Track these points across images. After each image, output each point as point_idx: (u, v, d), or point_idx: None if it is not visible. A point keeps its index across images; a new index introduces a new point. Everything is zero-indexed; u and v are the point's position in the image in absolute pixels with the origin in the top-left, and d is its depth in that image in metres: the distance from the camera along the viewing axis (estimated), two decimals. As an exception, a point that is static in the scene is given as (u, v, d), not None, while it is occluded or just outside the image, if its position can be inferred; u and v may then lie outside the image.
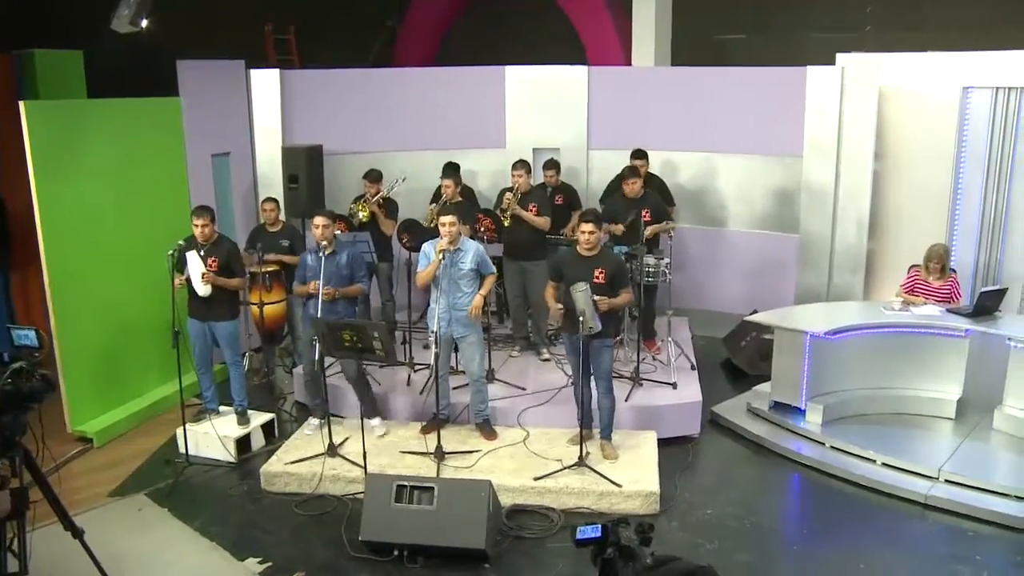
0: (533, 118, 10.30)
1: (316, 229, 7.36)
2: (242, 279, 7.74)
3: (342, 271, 7.44)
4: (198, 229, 7.45)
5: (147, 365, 8.67)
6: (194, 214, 7.49)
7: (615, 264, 7.18)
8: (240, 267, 7.71)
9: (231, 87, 9.50)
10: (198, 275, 7.38)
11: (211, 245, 7.53)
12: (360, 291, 7.57)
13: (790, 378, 7.93)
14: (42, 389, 5.64)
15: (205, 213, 7.48)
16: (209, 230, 7.48)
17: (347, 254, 7.51)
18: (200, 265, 7.40)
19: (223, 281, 7.50)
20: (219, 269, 7.49)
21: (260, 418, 7.96)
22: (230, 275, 7.57)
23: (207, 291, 7.42)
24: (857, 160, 9.16)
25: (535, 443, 7.52)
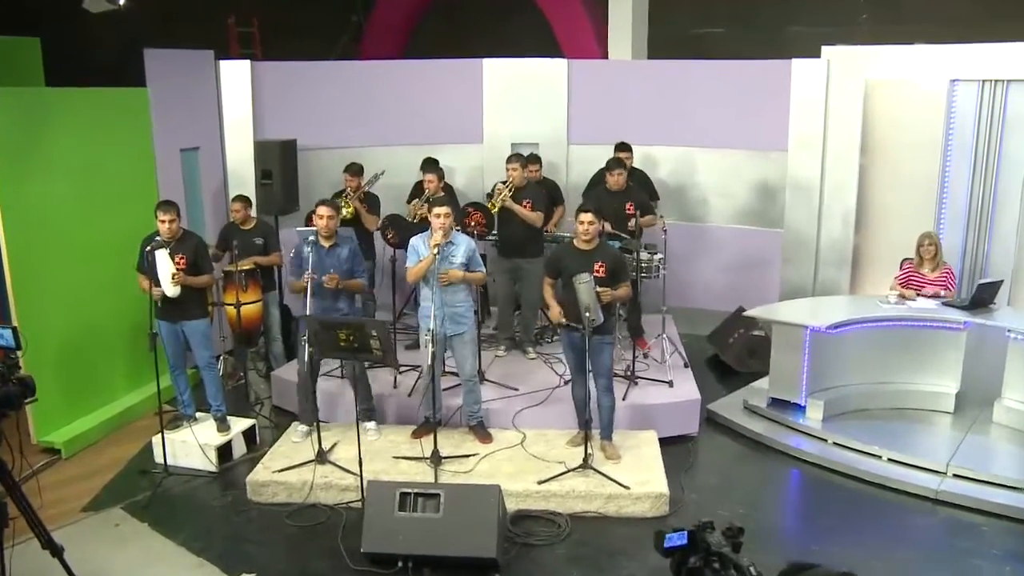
0: (511, 112, 9.91)
1: (320, 220, 6.90)
2: (211, 275, 7.23)
3: (343, 265, 6.98)
4: (164, 225, 6.91)
5: (115, 370, 8.09)
6: (159, 209, 6.95)
7: (614, 257, 6.84)
8: (208, 263, 7.21)
9: (200, 78, 8.94)
10: (168, 275, 6.83)
11: (177, 242, 6.99)
12: (362, 286, 7.11)
13: (789, 374, 7.65)
14: (19, 394, 5.10)
15: (171, 208, 6.95)
16: (176, 226, 6.96)
17: (348, 247, 7.04)
18: (170, 265, 6.85)
19: (194, 280, 6.99)
20: (187, 267, 6.96)
21: (240, 424, 7.43)
22: (197, 272, 7.05)
23: (176, 292, 6.88)
24: (843, 154, 8.94)
25: (533, 445, 7.12)
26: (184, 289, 6.90)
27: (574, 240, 6.89)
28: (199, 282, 7.05)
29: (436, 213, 6.73)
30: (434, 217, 6.74)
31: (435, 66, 9.89)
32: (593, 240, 6.77)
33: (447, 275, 6.74)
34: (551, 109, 9.85)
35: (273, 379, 8.31)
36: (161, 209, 6.93)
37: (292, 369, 8.31)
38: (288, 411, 8.06)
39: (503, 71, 9.88)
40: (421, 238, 6.92)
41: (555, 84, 9.81)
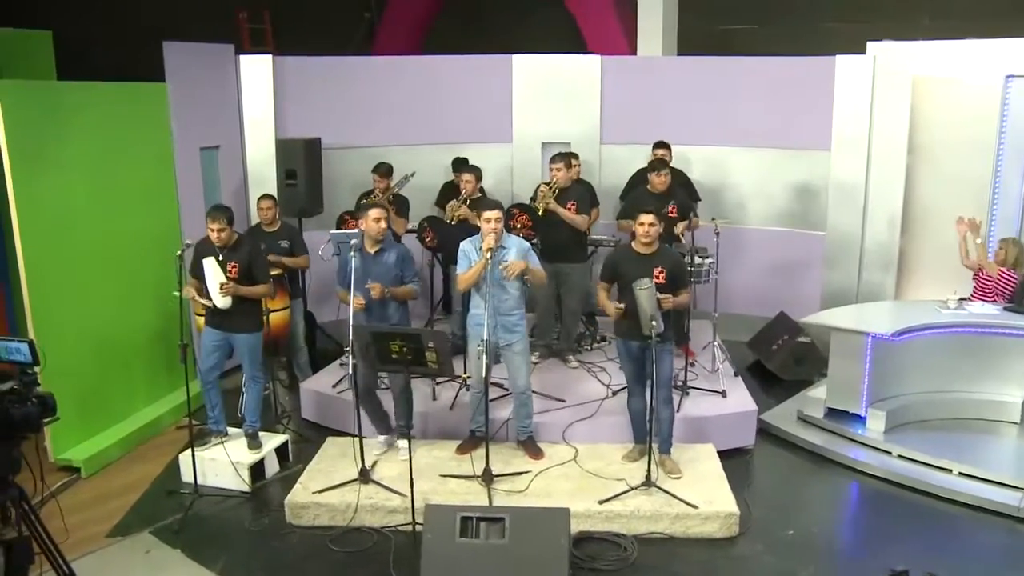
0: (542, 111, 9.37)
1: (371, 223, 6.29)
2: (267, 285, 6.63)
3: (392, 271, 6.41)
4: (214, 234, 6.36)
5: (133, 383, 7.52)
6: (209, 216, 6.40)
7: (675, 262, 6.36)
8: (264, 271, 6.62)
9: (220, 74, 8.36)
10: (216, 285, 6.26)
11: (229, 249, 6.43)
12: (413, 293, 6.55)
13: (848, 383, 7.18)
14: (38, 415, 4.53)
15: (222, 215, 6.38)
16: (227, 234, 6.39)
17: (396, 252, 6.48)
18: (219, 273, 6.29)
19: (247, 291, 6.42)
20: (240, 275, 6.40)
21: (273, 440, 6.87)
22: (251, 281, 6.47)
23: (228, 303, 6.31)
24: (889, 153, 8.48)
25: (587, 460, 6.61)
26: (237, 299, 6.35)
27: (632, 243, 6.40)
28: (252, 292, 6.48)
29: (487, 217, 6.20)
30: (484, 222, 6.22)
31: (462, 62, 9.35)
32: (653, 244, 6.28)
33: (510, 265, 6.21)
34: (583, 107, 9.32)
35: (302, 391, 7.74)
36: (211, 216, 6.39)
37: (320, 380, 7.78)
38: (318, 424, 7.51)
39: (533, 68, 9.35)
40: (471, 243, 6.39)
41: (587, 81, 9.29)
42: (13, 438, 4.45)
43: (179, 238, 7.84)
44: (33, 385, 4.50)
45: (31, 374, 4.54)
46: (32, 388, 4.49)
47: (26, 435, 4.52)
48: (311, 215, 8.47)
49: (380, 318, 6.33)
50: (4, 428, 4.41)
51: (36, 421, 4.45)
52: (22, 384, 4.48)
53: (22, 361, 4.57)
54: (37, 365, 4.56)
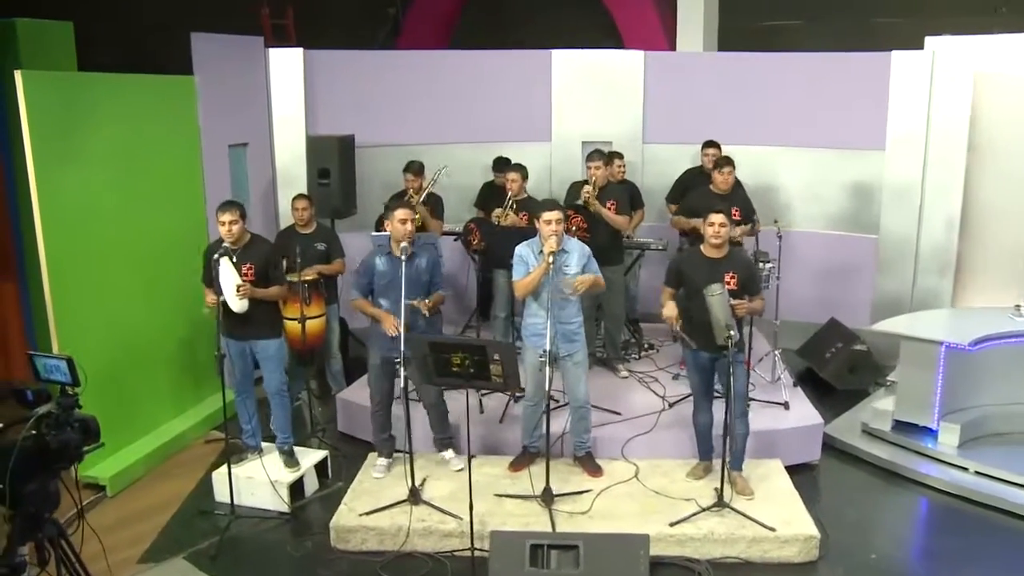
0: (582, 108, 8.85)
1: (397, 225, 5.76)
2: (284, 287, 6.09)
3: (422, 277, 5.90)
4: (225, 228, 5.79)
5: (159, 392, 6.98)
6: (220, 210, 5.84)
7: (746, 266, 5.87)
8: (279, 273, 6.09)
9: (249, 67, 7.83)
10: (232, 288, 5.71)
11: (243, 249, 5.89)
12: (442, 299, 6.04)
13: (919, 394, 6.68)
14: (78, 442, 4.01)
15: (233, 208, 5.84)
16: (239, 228, 5.83)
17: (427, 257, 5.96)
18: (234, 275, 5.74)
19: (264, 293, 5.88)
20: (256, 277, 5.86)
21: (311, 457, 6.33)
22: (267, 284, 5.93)
23: (243, 306, 5.77)
24: (948, 153, 7.96)
25: (649, 478, 6.10)
26: (253, 303, 5.81)
27: (700, 246, 5.89)
28: (269, 294, 5.94)
29: (547, 219, 5.69)
30: (544, 223, 5.71)
31: (500, 58, 8.83)
32: (724, 246, 5.77)
33: (579, 283, 5.70)
34: (625, 105, 8.80)
35: (339, 402, 7.20)
36: (222, 209, 5.83)
37: (357, 391, 7.24)
38: (356, 438, 6.98)
39: (574, 63, 8.82)
40: (528, 246, 5.87)
41: (630, 78, 8.77)
42: (50, 469, 3.93)
43: (206, 240, 7.33)
44: (73, 408, 3.97)
45: (71, 395, 4.01)
46: (72, 412, 3.95)
47: (64, 466, 4.00)
48: (344, 216, 7.94)
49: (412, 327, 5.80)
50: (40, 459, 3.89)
51: (76, 449, 3.92)
52: (60, 407, 3.95)
53: (60, 380, 4.04)
54: (77, 386, 4.03)
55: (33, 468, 3.86)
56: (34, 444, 3.89)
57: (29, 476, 3.84)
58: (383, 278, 5.87)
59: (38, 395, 4.02)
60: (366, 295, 5.99)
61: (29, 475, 3.84)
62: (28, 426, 3.90)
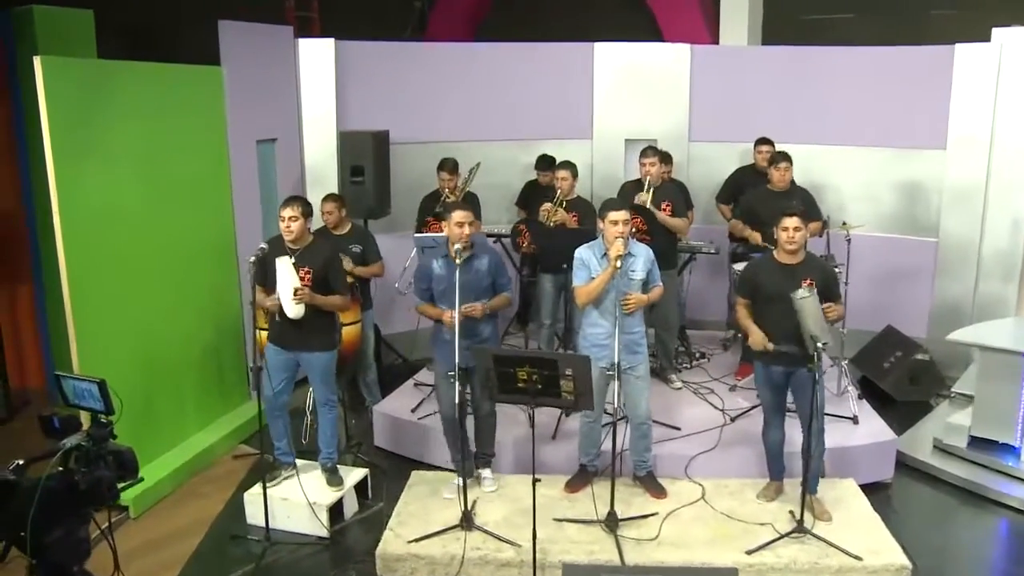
0: (625, 104, 8.32)
1: (454, 228, 5.24)
2: (345, 296, 5.55)
3: (483, 280, 5.37)
4: (284, 224, 5.29)
5: (184, 405, 6.45)
6: (283, 205, 5.33)
7: (824, 271, 5.35)
8: (342, 280, 5.54)
9: (278, 58, 7.30)
10: (290, 290, 5.19)
11: (304, 249, 5.37)
12: (508, 301, 5.54)
13: (1000, 409, 6.15)
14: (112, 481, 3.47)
15: (296, 203, 5.32)
16: (299, 226, 5.31)
17: (488, 258, 5.44)
18: (293, 277, 5.21)
19: (323, 300, 5.34)
20: (314, 282, 5.33)
21: (351, 475, 5.79)
22: (327, 290, 5.41)
23: (299, 312, 5.24)
24: (1015, 152, 7.43)
25: (717, 500, 5.58)
26: (310, 310, 5.28)
27: (773, 252, 5.37)
28: (329, 303, 5.40)
29: (613, 219, 5.17)
30: (610, 224, 5.19)
31: (540, 51, 8.30)
32: (799, 252, 5.26)
33: (633, 300, 5.18)
34: (670, 101, 8.27)
35: (376, 415, 6.67)
36: (285, 204, 5.33)
37: (395, 402, 6.73)
38: (395, 454, 6.46)
39: (617, 57, 8.29)
40: (590, 249, 5.35)
41: (675, 73, 8.24)
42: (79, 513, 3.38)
43: (233, 241, 6.83)
44: (106, 439, 3.42)
45: (104, 424, 3.47)
46: (105, 444, 3.40)
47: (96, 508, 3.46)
48: (379, 216, 7.41)
49: (469, 333, 5.27)
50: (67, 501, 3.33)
51: (110, 489, 3.37)
52: (91, 439, 3.40)
53: (92, 407, 3.50)
54: (111, 414, 3.49)
55: (59, 512, 3.31)
56: (60, 483, 3.34)
57: (54, 521, 3.28)
58: (441, 283, 5.34)
59: (66, 423, 3.48)
60: (428, 300, 5.48)
61: (54, 520, 3.28)
62: (53, 462, 3.35)
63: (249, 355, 6.97)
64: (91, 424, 3.53)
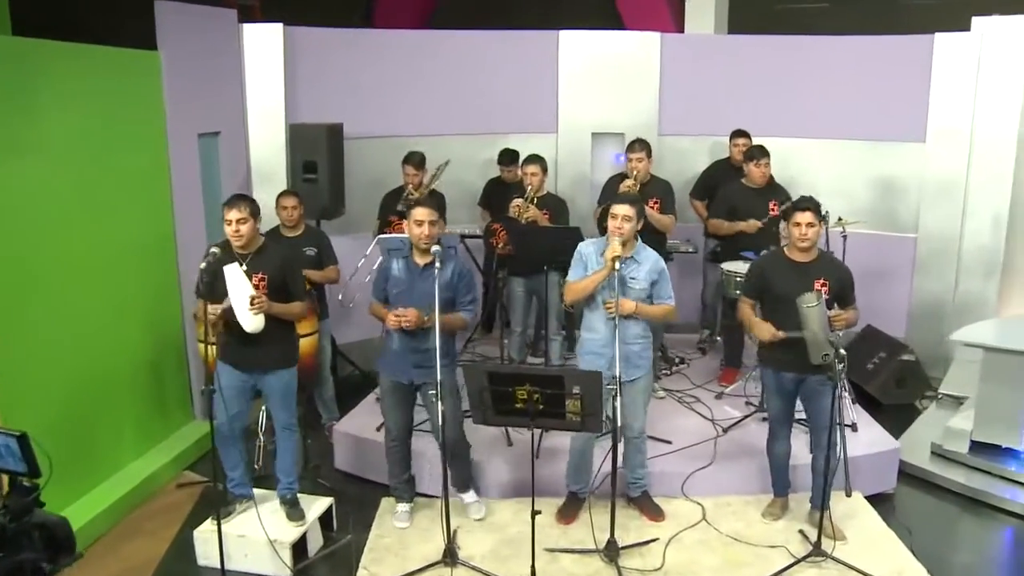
0: (592, 96, 7.78)
1: (412, 227, 4.68)
2: (305, 303, 4.89)
3: (443, 292, 4.70)
4: (232, 227, 4.59)
5: (121, 429, 5.68)
6: (227, 206, 4.62)
7: (840, 271, 4.89)
8: (300, 285, 4.88)
9: (221, 45, 6.56)
10: (245, 300, 4.49)
11: (256, 254, 4.67)
12: (464, 324, 4.94)
13: (1003, 412, 5.77)
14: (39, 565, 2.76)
15: (243, 203, 4.62)
16: (249, 229, 4.62)
17: (453, 267, 4.83)
18: (246, 285, 4.52)
19: (282, 308, 4.66)
20: (271, 290, 4.64)
21: (315, 505, 5.10)
22: (286, 297, 4.73)
23: (258, 324, 4.55)
24: (996, 145, 7.10)
25: (720, 520, 5.10)
26: (268, 322, 4.58)
27: (784, 249, 4.88)
28: (288, 311, 4.73)
29: (614, 213, 4.62)
30: (611, 218, 4.63)
31: (501, 39, 7.69)
32: (813, 249, 4.78)
33: (619, 305, 4.61)
34: (640, 93, 7.75)
35: (336, 435, 5.99)
36: (229, 205, 4.62)
37: (356, 421, 6.06)
38: (360, 478, 5.79)
39: (583, 46, 7.73)
40: (594, 244, 4.82)
41: (645, 63, 7.72)
42: None
43: (172, 244, 6.08)
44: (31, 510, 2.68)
45: (29, 489, 2.72)
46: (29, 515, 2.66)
47: None
48: (333, 216, 6.74)
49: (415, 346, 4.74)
50: None
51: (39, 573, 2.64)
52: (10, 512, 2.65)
53: (11, 469, 2.75)
54: (37, 476, 2.75)
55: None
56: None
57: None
58: (397, 285, 4.77)
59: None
60: (382, 301, 4.86)
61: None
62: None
63: (193, 371, 6.25)
64: (9, 491, 2.77)
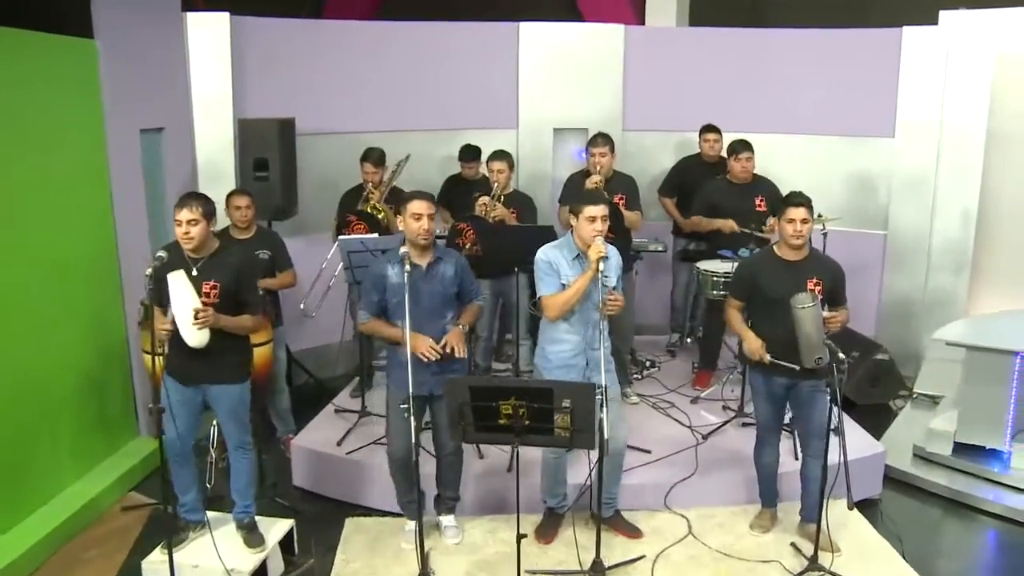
0: (554, 90, 7.46)
1: (411, 223, 4.27)
2: (257, 315, 4.43)
3: (449, 289, 4.41)
4: (182, 229, 4.15)
5: (57, 449, 5.18)
6: (177, 205, 4.18)
7: (833, 270, 4.67)
8: (255, 294, 4.44)
9: (165, 34, 6.08)
10: (187, 313, 4.06)
11: (208, 259, 4.24)
12: (480, 312, 4.65)
13: (987, 413, 5.59)
14: None
15: (196, 203, 4.18)
16: (200, 231, 4.19)
17: (454, 262, 4.47)
18: (192, 296, 4.10)
19: (230, 322, 4.24)
20: (222, 299, 4.22)
21: (274, 529, 4.68)
22: (238, 309, 4.31)
23: (202, 339, 4.12)
24: (965, 141, 6.96)
25: (707, 534, 4.83)
26: (216, 334, 4.16)
27: (774, 247, 4.62)
28: (238, 325, 4.29)
29: (591, 215, 4.30)
30: (585, 221, 4.31)
31: (459, 30, 7.32)
32: (805, 247, 4.53)
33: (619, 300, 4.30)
34: (603, 87, 7.46)
35: (294, 450, 5.56)
36: (181, 204, 4.17)
37: (316, 434, 5.65)
38: (320, 495, 5.38)
39: (544, 38, 7.42)
40: (557, 248, 4.47)
41: (609, 56, 7.43)
42: None
43: (114, 248, 5.61)
44: None
45: None
46: None
47: None
48: (286, 217, 6.31)
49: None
50: None
51: None
52: None
53: None
54: None
55: None
56: None
57: None
58: (397, 294, 4.31)
59: None
60: (379, 314, 4.44)
61: None
62: None
63: (138, 384, 5.78)
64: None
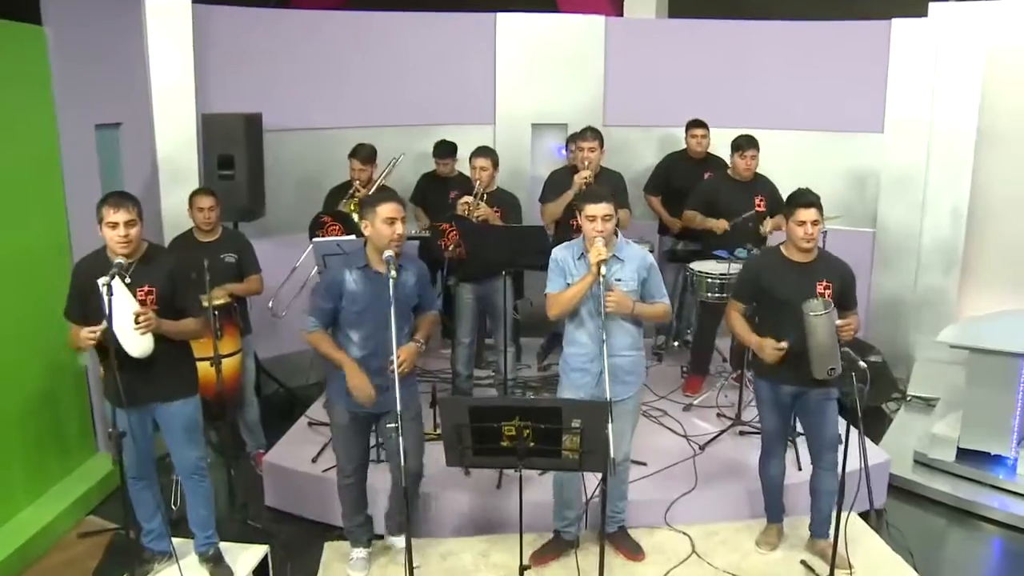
0: (532, 84, 7.14)
1: (381, 226, 3.90)
2: (200, 320, 3.99)
3: (411, 300, 4.06)
4: (119, 231, 3.70)
5: (7, 471, 4.73)
6: (107, 205, 3.72)
7: (843, 272, 4.38)
8: (194, 298, 4.01)
9: (121, 23, 5.64)
10: (128, 320, 3.62)
11: (140, 263, 3.81)
12: (437, 323, 4.25)
13: (992, 418, 5.38)
14: None
15: (131, 204, 3.74)
16: (135, 234, 3.75)
17: (416, 271, 4.11)
18: (128, 299, 3.68)
19: (173, 326, 3.82)
20: (160, 305, 3.80)
21: (245, 556, 4.28)
22: (177, 313, 3.90)
23: (147, 346, 3.70)
24: (955, 136, 6.74)
25: (712, 553, 4.53)
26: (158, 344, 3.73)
27: (781, 248, 4.33)
28: (181, 329, 3.87)
29: (590, 214, 3.97)
30: (586, 221, 3.98)
31: (434, 21, 6.96)
32: (814, 249, 4.24)
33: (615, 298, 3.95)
34: (583, 81, 7.15)
35: (266, 467, 5.16)
36: (109, 204, 3.71)
37: (288, 451, 5.25)
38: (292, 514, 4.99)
39: (522, 30, 7.09)
40: (568, 249, 4.14)
41: (589, 49, 7.11)
42: None
43: (68, 252, 5.16)
44: None
45: None
46: None
47: None
48: (254, 218, 5.91)
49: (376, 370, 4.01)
50: None
51: None
52: None
53: None
54: None
55: None
56: None
57: None
58: (357, 302, 3.96)
59: None
60: (328, 326, 4.06)
61: None
62: None
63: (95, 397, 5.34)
64: None
